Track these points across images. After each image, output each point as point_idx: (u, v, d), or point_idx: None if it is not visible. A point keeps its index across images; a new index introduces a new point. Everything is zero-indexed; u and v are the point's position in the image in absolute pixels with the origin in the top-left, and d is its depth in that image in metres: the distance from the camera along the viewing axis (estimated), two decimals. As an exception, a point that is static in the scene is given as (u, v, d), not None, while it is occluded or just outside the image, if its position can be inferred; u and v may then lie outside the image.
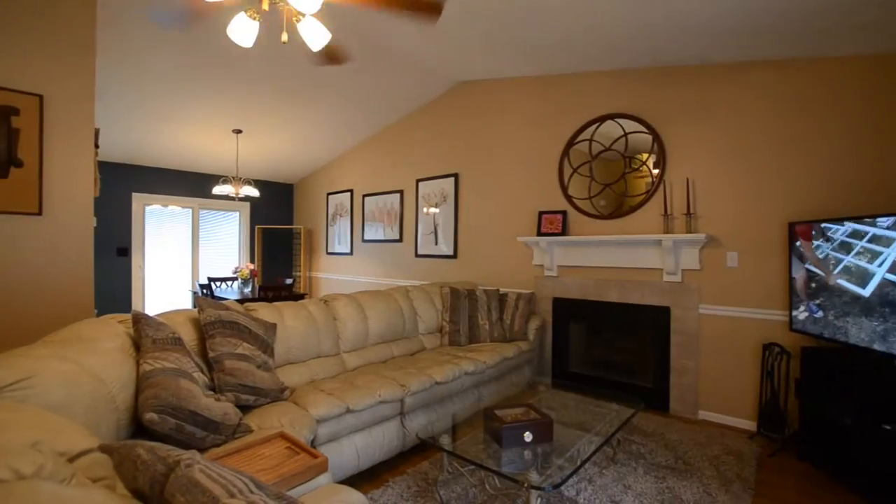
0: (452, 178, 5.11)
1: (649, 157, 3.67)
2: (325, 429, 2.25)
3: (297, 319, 2.86)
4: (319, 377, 2.83)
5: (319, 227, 7.22)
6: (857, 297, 2.49)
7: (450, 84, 5.03)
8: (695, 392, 3.44)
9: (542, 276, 4.30)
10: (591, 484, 2.44)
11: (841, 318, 2.59)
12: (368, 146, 6.24)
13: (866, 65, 2.83)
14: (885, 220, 2.37)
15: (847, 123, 2.90)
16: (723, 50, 3.16)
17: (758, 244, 3.20)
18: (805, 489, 2.45)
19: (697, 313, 3.43)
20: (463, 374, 3.10)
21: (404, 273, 5.69)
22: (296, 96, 4.73)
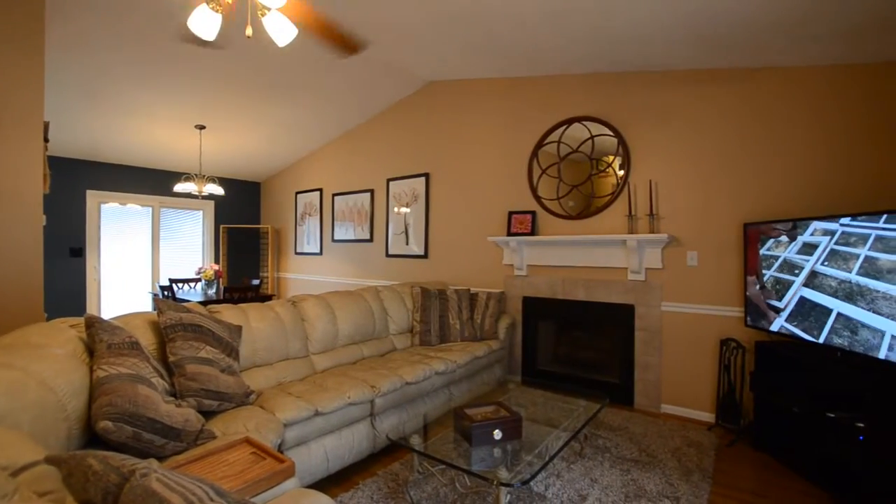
0: (423, 178, 5.10)
1: (615, 159, 3.78)
2: (292, 432, 2.21)
3: (263, 321, 2.79)
4: (287, 380, 2.77)
5: (288, 227, 7.07)
6: (784, 291, 2.64)
7: (421, 83, 5.02)
8: (658, 387, 3.57)
9: (512, 275, 4.35)
10: (560, 479, 2.49)
11: (779, 311, 2.74)
12: (338, 145, 6.16)
13: (816, 76, 3.01)
14: (820, 222, 2.52)
15: (797, 131, 3.07)
16: (684, 58, 3.29)
17: (716, 244, 3.35)
18: (759, 476, 2.58)
19: (660, 311, 3.55)
20: (434, 374, 3.10)
21: (375, 273, 5.65)
22: (262, 93, 4.62)
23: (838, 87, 2.94)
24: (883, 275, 2.24)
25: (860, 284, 2.34)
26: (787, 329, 2.75)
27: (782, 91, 3.12)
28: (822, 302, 2.55)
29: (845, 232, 2.44)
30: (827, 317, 2.51)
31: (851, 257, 2.40)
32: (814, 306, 2.59)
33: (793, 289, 2.72)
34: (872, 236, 2.30)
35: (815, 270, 2.59)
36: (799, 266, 2.69)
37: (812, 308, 2.60)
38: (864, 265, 2.33)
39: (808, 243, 2.65)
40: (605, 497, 2.32)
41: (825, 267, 2.53)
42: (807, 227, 2.65)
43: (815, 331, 2.57)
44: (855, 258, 2.38)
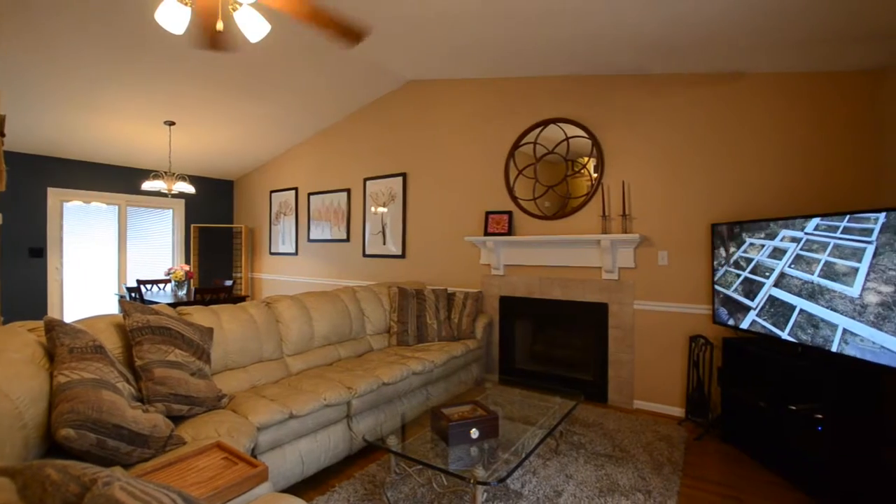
0: (401, 178, 5.08)
1: (589, 160, 3.85)
2: (266, 436, 2.17)
3: (235, 323, 2.73)
4: (261, 382, 2.72)
5: (262, 227, 6.93)
6: (748, 288, 2.75)
7: (398, 83, 4.99)
8: (631, 383, 3.65)
9: (489, 275, 4.38)
10: (536, 476, 2.52)
11: (744, 308, 2.84)
12: (314, 143, 6.07)
13: (783, 81, 3.13)
14: (780, 222, 2.63)
15: (759, 135, 3.19)
16: (654, 63, 3.37)
17: (685, 244, 3.45)
18: (727, 468, 2.67)
19: (633, 309, 3.64)
20: (411, 374, 3.10)
21: (352, 273, 5.59)
22: (236, 89, 4.51)
23: (794, 94, 3.07)
24: (838, 277, 2.35)
25: (818, 284, 2.45)
26: (756, 324, 2.86)
27: (746, 97, 3.24)
28: (780, 297, 2.66)
29: (794, 234, 2.56)
30: (791, 312, 2.61)
31: (813, 261, 2.51)
32: (773, 301, 2.70)
33: (762, 288, 2.83)
34: (831, 244, 2.41)
35: (761, 264, 2.70)
36: (750, 262, 2.80)
37: (772, 303, 2.71)
38: (823, 267, 2.44)
39: (764, 243, 2.76)
40: (579, 492, 2.36)
41: (769, 260, 2.64)
42: (765, 228, 2.76)
43: (778, 326, 2.68)
44: (814, 261, 2.49)
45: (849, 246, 2.30)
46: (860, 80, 2.90)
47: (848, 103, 2.93)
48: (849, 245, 2.30)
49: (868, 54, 2.71)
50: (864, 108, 2.88)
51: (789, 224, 2.64)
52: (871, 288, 2.19)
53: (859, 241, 2.26)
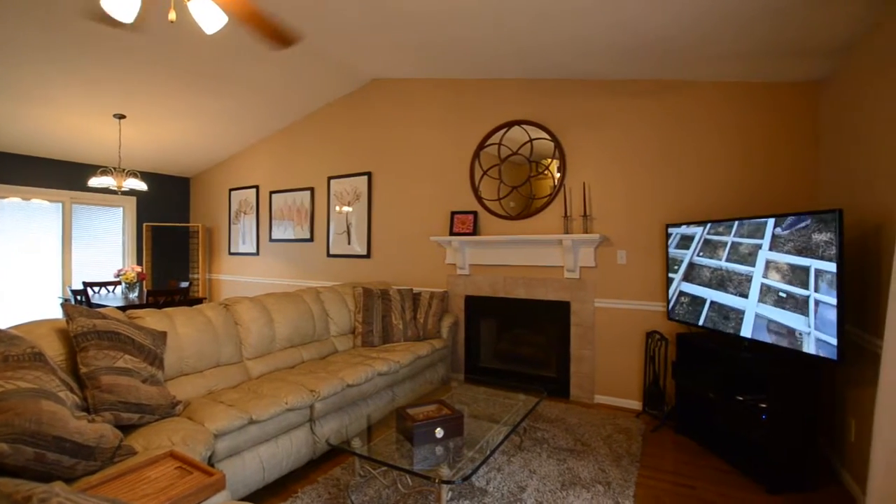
0: (366, 177, 5.02)
1: (552, 162, 3.93)
2: (224, 443, 2.09)
3: (191, 326, 2.62)
4: (219, 388, 2.62)
5: (221, 226, 6.68)
6: (698, 286, 2.90)
7: (363, 81, 4.93)
8: (592, 378, 3.76)
9: (454, 274, 4.40)
10: (500, 472, 2.56)
11: (691, 304, 2.99)
12: (276, 140, 5.91)
13: (729, 90, 3.30)
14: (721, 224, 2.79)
15: (708, 140, 3.36)
16: (614, 68, 3.48)
17: (642, 243, 3.58)
18: (681, 458, 2.80)
19: (593, 307, 3.75)
20: (376, 375, 3.07)
21: (316, 274, 5.48)
22: (191, 82, 4.32)
23: (740, 103, 3.26)
24: (772, 272, 2.50)
25: (730, 271, 2.61)
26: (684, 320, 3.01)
27: (696, 104, 3.40)
28: (700, 293, 2.81)
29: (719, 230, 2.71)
30: (703, 305, 2.77)
31: (748, 257, 2.66)
32: (696, 298, 2.85)
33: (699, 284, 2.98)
34: (767, 239, 2.57)
35: (695, 262, 2.85)
36: (707, 265, 2.95)
37: (696, 299, 2.86)
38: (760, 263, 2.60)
39: (707, 241, 2.91)
40: (542, 487, 2.41)
41: (702, 258, 2.79)
42: (707, 227, 2.91)
43: (704, 318, 2.83)
44: (748, 257, 2.65)
45: (751, 243, 2.46)
46: (799, 91, 3.10)
47: (788, 113, 3.13)
48: (750, 243, 2.46)
49: (806, 68, 2.90)
50: (803, 118, 3.09)
51: (725, 225, 2.79)
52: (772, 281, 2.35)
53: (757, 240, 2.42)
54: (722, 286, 2.86)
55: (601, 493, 2.35)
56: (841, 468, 2.53)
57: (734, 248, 2.79)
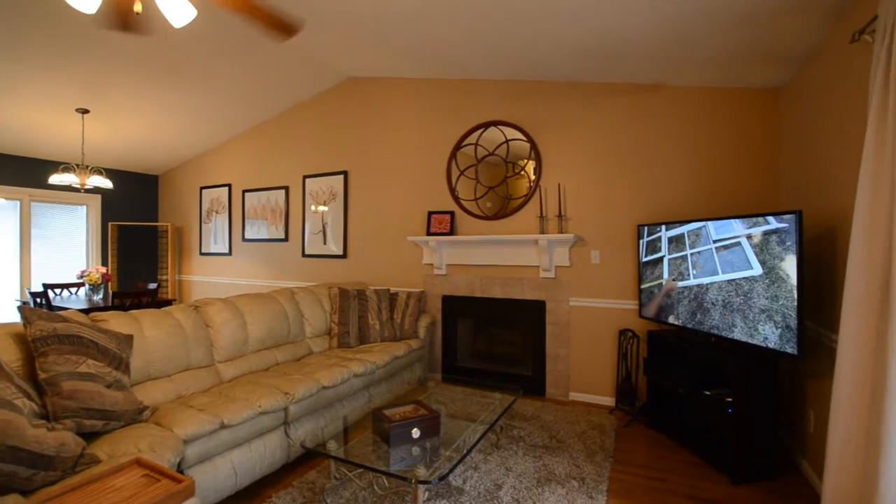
0: (342, 176, 4.97)
1: (528, 162, 3.98)
2: (194, 449, 2.04)
3: (159, 329, 2.54)
4: (189, 392, 2.55)
5: (191, 225, 6.49)
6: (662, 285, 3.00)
7: (339, 79, 4.88)
8: (567, 376, 3.82)
9: (431, 274, 4.40)
10: (477, 471, 2.57)
11: (666, 303, 3.08)
12: (249, 138, 5.78)
13: (699, 94, 3.41)
14: (691, 224, 2.88)
15: (680, 143, 3.46)
16: (587, 71, 3.55)
17: (616, 243, 3.66)
18: (652, 452, 2.87)
19: (568, 306, 3.81)
20: (352, 377, 3.04)
21: (290, 274, 5.39)
22: (161, 77, 4.18)
23: (709, 107, 3.37)
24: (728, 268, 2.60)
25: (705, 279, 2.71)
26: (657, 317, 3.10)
27: (667, 108, 3.50)
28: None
29: (695, 231, 2.81)
30: (678, 303, 2.86)
31: (702, 255, 2.76)
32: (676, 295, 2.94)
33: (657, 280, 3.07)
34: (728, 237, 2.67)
35: (666, 260, 2.94)
36: (674, 263, 3.04)
37: (676, 297, 2.95)
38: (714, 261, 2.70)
39: (675, 240, 3.01)
40: (518, 484, 2.43)
41: (672, 256, 2.89)
42: (676, 228, 3.00)
43: (673, 316, 2.92)
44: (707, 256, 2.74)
45: (718, 243, 2.56)
46: (764, 97, 3.23)
47: (754, 117, 3.25)
48: (718, 242, 2.56)
49: (770, 75, 3.02)
50: (767, 123, 3.22)
51: (693, 225, 2.88)
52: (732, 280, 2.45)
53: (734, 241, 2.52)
54: (688, 284, 2.95)
55: (575, 489, 2.39)
56: (801, 458, 2.64)
57: (702, 247, 2.88)
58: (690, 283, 2.96)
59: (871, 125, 1.60)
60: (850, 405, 1.67)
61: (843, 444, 1.69)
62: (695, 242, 2.93)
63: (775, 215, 2.41)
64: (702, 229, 2.88)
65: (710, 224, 2.82)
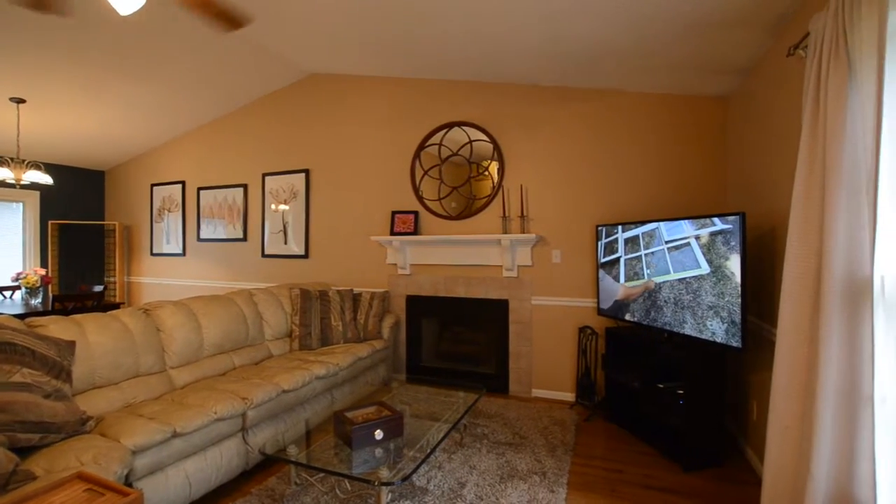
0: (303, 174, 4.86)
1: (491, 163, 4.02)
2: (144, 459, 1.94)
3: (105, 334, 2.40)
4: (138, 400, 2.42)
5: (141, 224, 6.16)
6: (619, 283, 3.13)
7: (301, 74, 4.76)
8: (529, 373, 3.90)
9: (395, 274, 4.38)
10: (441, 470, 2.58)
11: (622, 300, 3.21)
12: (205, 133, 5.54)
13: (655, 101, 3.55)
14: (646, 225, 3.01)
15: (636, 147, 3.60)
16: (550, 75, 3.63)
17: (576, 243, 3.77)
18: (610, 444, 2.98)
19: (531, 304, 3.89)
20: (314, 379, 2.98)
21: (250, 275, 5.22)
22: (107, 66, 3.94)
23: (664, 113, 3.52)
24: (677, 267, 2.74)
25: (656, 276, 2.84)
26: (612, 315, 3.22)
27: (625, 113, 3.63)
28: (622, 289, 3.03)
29: (648, 231, 2.94)
30: (634, 301, 2.99)
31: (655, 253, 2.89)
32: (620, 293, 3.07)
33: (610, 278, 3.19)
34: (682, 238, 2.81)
35: (622, 259, 3.07)
36: (629, 262, 3.16)
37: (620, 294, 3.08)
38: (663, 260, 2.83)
39: (629, 240, 3.13)
40: (482, 481, 2.46)
41: (627, 255, 3.02)
42: (631, 230, 3.13)
43: (629, 313, 3.05)
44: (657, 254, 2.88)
45: (670, 243, 2.70)
46: (712, 104, 3.41)
47: (703, 124, 3.43)
48: (669, 242, 2.70)
49: (718, 84, 3.19)
50: (715, 129, 3.40)
51: (647, 225, 3.01)
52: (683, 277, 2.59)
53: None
54: (643, 281, 3.08)
55: (537, 483, 2.45)
56: (745, 444, 2.81)
57: (655, 248, 3.01)
58: (645, 282, 3.08)
59: (804, 133, 1.72)
60: (787, 394, 1.79)
61: (782, 431, 1.81)
62: (649, 243, 3.05)
63: (721, 217, 2.55)
64: (655, 230, 3.01)
65: (663, 225, 2.95)
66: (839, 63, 1.54)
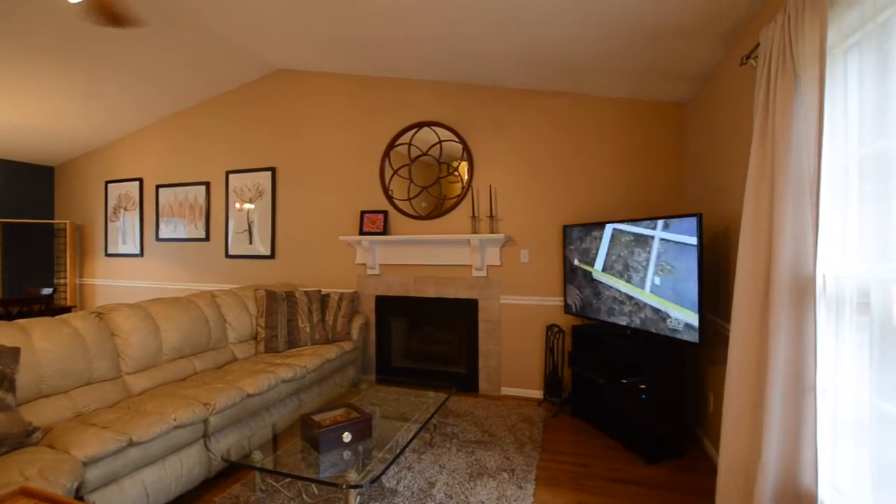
0: (269, 172, 4.74)
1: (461, 163, 4.04)
2: (96, 471, 1.85)
3: (53, 340, 2.27)
4: (90, 409, 2.31)
5: (95, 223, 5.85)
6: (590, 281, 3.21)
7: (266, 70, 4.64)
8: (498, 372, 3.94)
9: (364, 274, 4.33)
10: (411, 470, 2.58)
11: (587, 299, 3.29)
12: (164, 128, 5.32)
13: (620, 105, 3.66)
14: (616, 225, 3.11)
15: (601, 150, 3.70)
16: (519, 78, 3.68)
17: (543, 243, 3.84)
18: (577, 440, 3.05)
19: (499, 303, 3.93)
20: (280, 383, 2.92)
21: (213, 276, 5.05)
22: (56, 56, 3.72)
23: (627, 117, 3.64)
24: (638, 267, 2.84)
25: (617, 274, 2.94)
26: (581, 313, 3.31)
27: (590, 116, 3.72)
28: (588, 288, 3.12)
29: (618, 231, 3.04)
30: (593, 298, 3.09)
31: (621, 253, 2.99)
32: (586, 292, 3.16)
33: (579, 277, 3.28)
34: (654, 239, 2.91)
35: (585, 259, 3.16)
36: (589, 262, 3.25)
37: (593, 293, 3.17)
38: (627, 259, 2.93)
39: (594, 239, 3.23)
40: (451, 480, 2.47)
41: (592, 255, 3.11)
42: (594, 229, 3.22)
43: (595, 311, 3.14)
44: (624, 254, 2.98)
45: (630, 243, 2.80)
46: (673, 109, 3.54)
47: (665, 128, 3.56)
48: (629, 241, 2.80)
49: (678, 90, 3.32)
50: (675, 133, 3.54)
51: (608, 226, 3.11)
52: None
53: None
54: (606, 280, 3.17)
55: (506, 480, 2.48)
56: (703, 435, 2.94)
57: (616, 246, 3.10)
58: (610, 280, 3.17)
59: (755, 139, 1.82)
60: (739, 386, 1.88)
61: (735, 421, 1.90)
62: (613, 243, 3.14)
63: (679, 217, 2.65)
64: (619, 231, 3.10)
65: (625, 226, 3.04)
66: (786, 73, 1.63)
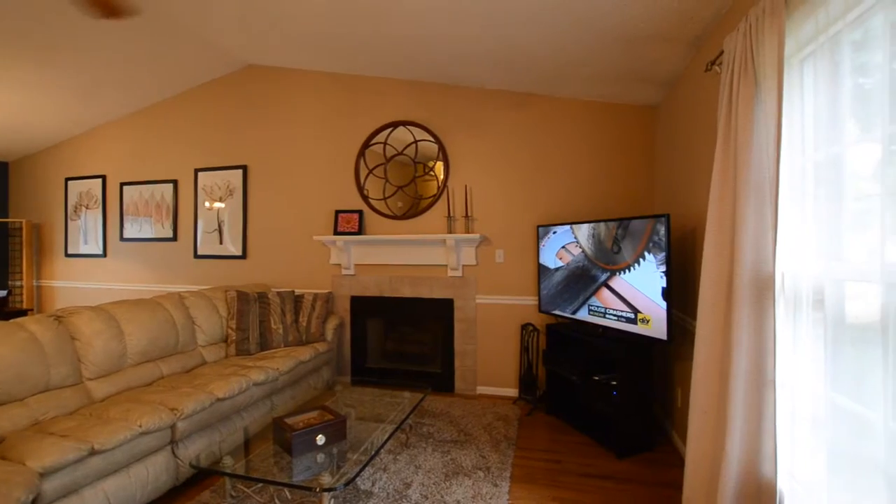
0: (241, 171, 4.62)
1: (437, 163, 4.04)
2: (54, 482, 1.76)
3: (6, 344, 2.15)
4: (48, 416, 2.20)
5: (54, 222, 5.58)
6: (558, 281, 3.28)
7: (237, 65, 4.52)
8: (474, 371, 3.96)
9: (339, 275, 4.28)
10: (386, 471, 2.56)
11: (557, 297, 3.35)
12: (130, 124, 5.12)
13: (592, 107, 3.73)
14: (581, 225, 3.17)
15: (577, 150, 3.76)
16: (495, 79, 3.70)
17: (518, 243, 3.88)
18: (551, 437, 3.09)
19: (475, 303, 3.95)
20: (251, 386, 2.85)
21: (181, 277, 4.89)
22: (9, 46, 3.53)
23: (599, 119, 3.71)
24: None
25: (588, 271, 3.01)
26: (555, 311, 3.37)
27: (563, 117, 3.79)
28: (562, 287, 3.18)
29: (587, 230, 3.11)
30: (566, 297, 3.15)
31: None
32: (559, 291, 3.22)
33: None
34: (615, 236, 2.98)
35: (559, 257, 3.23)
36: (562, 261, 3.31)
37: (563, 291, 3.23)
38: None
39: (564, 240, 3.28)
40: (427, 480, 2.47)
41: (565, 253, 3.18)
42: (566, 230, 3.28)
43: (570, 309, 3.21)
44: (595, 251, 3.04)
45: (602, 242, 2.88)
46: (643, 112, 3.63)
47: (636, 130, 3.65)
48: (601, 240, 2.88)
49: (648, 94, 3.41)
50: (645, 136, 3.63)
51: (582, 225, 3.17)
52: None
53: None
54: (580, 279, 3.23)
55: (481, 478, 2.49)
56: (671, 430, 3.03)
57: (590, 246, 3.17)
58: (581, 276, 3.23)
59: (719, 143, 1.88)
60: (705, 381, 1.95)
61: (701, 415, 1.97)
62: (585, 242, 3.20)
63: (648, 217, 2.73)
64: (589, 230, 3.16)
65: (598, 224, 3.11)
66: (748, 80, 1.70)
